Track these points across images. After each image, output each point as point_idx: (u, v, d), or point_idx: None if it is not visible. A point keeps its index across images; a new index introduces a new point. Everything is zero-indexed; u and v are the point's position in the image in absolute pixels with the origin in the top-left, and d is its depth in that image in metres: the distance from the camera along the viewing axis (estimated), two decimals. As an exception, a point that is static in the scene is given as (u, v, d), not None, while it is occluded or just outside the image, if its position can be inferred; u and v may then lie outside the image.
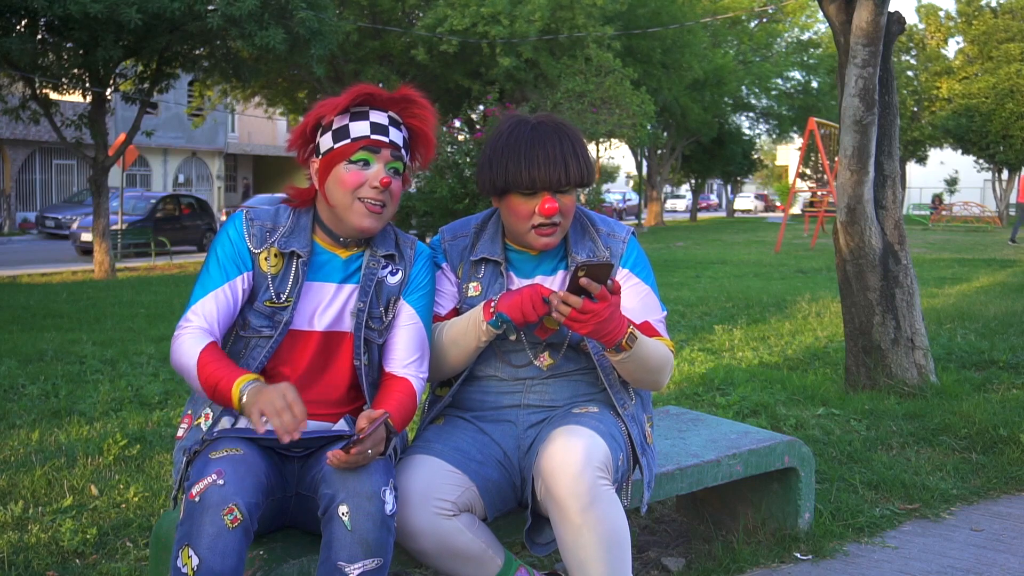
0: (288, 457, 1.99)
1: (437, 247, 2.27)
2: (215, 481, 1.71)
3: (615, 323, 1.94)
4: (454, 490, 1.97)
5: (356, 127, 1.97)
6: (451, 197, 15.31)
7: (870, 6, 4.40)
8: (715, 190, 65.04)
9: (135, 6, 10.92)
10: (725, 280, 11.91)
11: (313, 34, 12.44)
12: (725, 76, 29.55)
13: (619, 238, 2.24)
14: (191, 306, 1.97)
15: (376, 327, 2.06)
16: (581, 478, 1.88)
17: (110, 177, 14.76)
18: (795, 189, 22.04)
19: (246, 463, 1.77)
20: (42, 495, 3.20)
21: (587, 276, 1.88)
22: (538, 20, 18.33)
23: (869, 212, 4.62)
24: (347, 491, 1.76)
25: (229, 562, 1.68)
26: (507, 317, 2.00)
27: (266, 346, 1.99)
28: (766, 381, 5.02)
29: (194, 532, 1.68)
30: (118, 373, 5.52)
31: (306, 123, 2.02)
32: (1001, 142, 32.77)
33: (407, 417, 2.01)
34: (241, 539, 1.70)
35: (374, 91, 2.00)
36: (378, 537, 1.76)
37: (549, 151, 2.05)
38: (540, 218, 2.08)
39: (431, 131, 2.04)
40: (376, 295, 2.06)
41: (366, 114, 1.99)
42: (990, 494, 3.36)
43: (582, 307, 1.89)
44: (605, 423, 2.04)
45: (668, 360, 2.13)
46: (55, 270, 15.34)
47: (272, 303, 2.00)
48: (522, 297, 1.99)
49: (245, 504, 1.71)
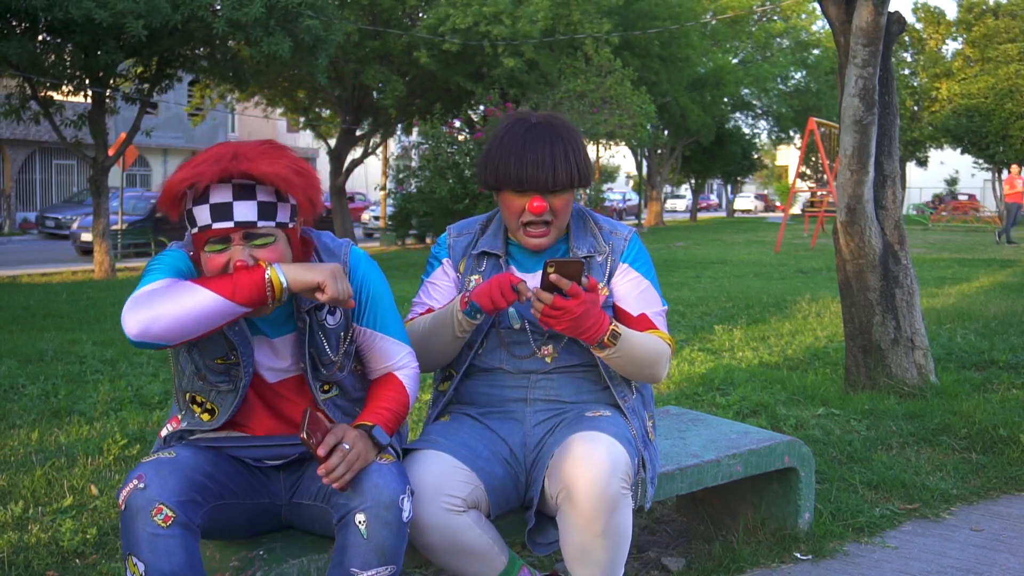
0: (269, 474, 1.96)
1: (443, 243, 2.31)
2: (136, 486, 1.70)
3: (592, 320, 1.97)
4: (464, 487, 1.97)
5: (199, 212, 1.77)
6: (451, 197, 15.33)
7: (870, 6, 4.40)
8: (715, 190, 65.02)
9: (141, 20, 10.92)
10: (725, 280, 11.91)
11: (318, 41, 12.45)
12: (725, 76, 29.54)
13: (621, 236, 2.27)
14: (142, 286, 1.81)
15: (331, 368, 1.97)
16: (608, 490, 1.89)
17: (110, 177, 14.75)
18: (795, 189, 22.03)
19: (172, 464, 1.75)
20: (42, 495, 3.20)
21: (556, 273, 1.91)
22: (541, 20, 18.33)
23: (869, 212, 4.62)
24: (365, 501, 1.75)
25: (176, 560, 1.66)
26: (477, 305, 2.02)
27: (233, 400, 1.92)
28: (766, 381, 5.02)
29: (132, 540, 1.68)
30: (118, 373, 5.52)
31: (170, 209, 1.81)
32: (1001, 142, 32.78)
33: (399, 411, 1.97)
34: (181, 535, 1.68)
35: (192, 174, 1.74)
36: (393, 545, 1.76)
37: (539, 153, 2.08)
38: (529, 215, 2.12)
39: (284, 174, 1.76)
40: (323, 339, 1.93)
41: (206, 193, 1.76)
42: (990, 494, 3.36)
43: (553, 303, 1.92)
44: (620, 427, 2.05)
45: (662, 353, 2.14)
46: (55, 270, 15.34)
47: (223, 360, 1.89)
48: (491, 284, 2.01)
49: (173, 503, 1.68)
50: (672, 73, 25.11)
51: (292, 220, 1.85)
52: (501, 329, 2.19)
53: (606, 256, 2.22)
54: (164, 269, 1.85)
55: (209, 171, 1.74)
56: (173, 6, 11.28)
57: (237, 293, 1.72)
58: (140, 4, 11.07)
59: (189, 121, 27.14)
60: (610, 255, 2.23)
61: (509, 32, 18.33)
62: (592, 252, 2.22)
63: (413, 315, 2.23)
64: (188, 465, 1.77)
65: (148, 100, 14.26)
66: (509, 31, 18.31)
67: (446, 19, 18.49)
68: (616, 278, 2.21)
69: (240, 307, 1.73)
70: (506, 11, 18.25)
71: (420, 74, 20.55)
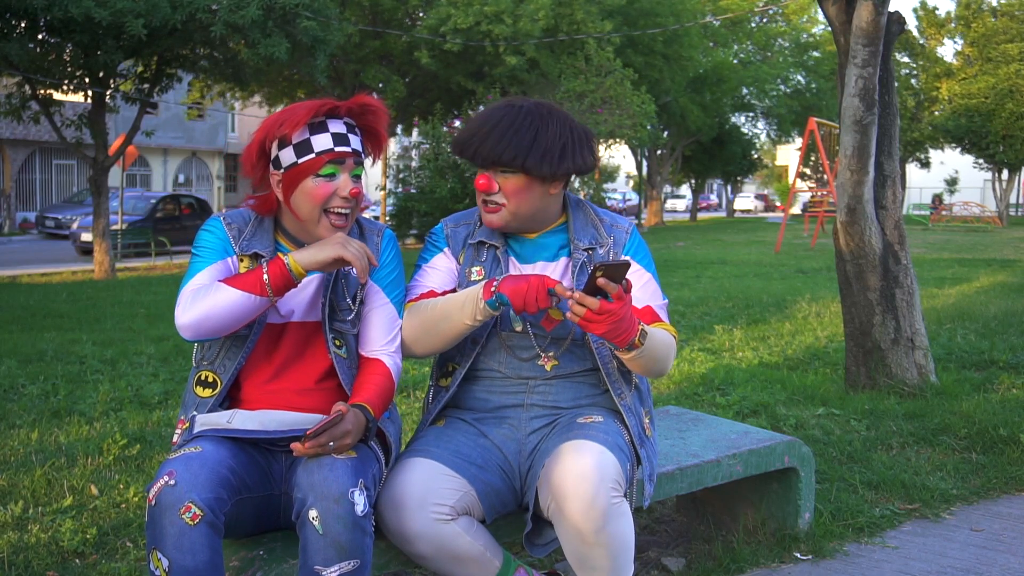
0: (275, 454, 1.99)
1: (440, 233, 2.28)
2: (167, 483, 1.73)
3: (628, 322, 1.93)
4: (452, 494, 1.96)
5: (318, 141, 1.96)
6: (451, 197, 15.32)
7: (870, 6, 4.40)
8: (715, 190, 65.03)
9: (141, 19, 10.92)
10: (725, 280, 11.91)
11: (316, 42, 12.44)
12: (725, 75, 29.54)
13: (622, 228, 2.26)
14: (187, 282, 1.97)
15: (346, 318, 2.06)
16: (596, 501, 1.87)
17: (110, 177, 14.77)
18: (795, 189, 22.03)
19: (200, 459, 1.78)
20: (42, 495, 3.20)
21: (605, 276, 1.86)
22: (542, 19, 18.32)
23: (869, 212, 4.62)
24: (315, 494, 1.77)
25: (200, 557, 1.71)
26: (507, 300, 1.96)
27: (243, 346, 2.01)
28: (766, 381, 5.02)
29: (158, 535, 1.72)
30: (118, 373, 5.52)
31: (259, 138, 2.00)
32: (1001, 142, 32.78)
33: (386, 400, 2.02)
34: (207, 534, 1.72)
35: (335, 103, 2.01)
36: (351, 539, 1.76)
37: (502, 130, 2.06)
38: (482, 193, 2.13)
39: (383, 128, 2.07)
40: (344, 287, 2.06)
41: (325, 125, 1.97)
42: (990, 494, 3.36)
43: (599, 308, 1.87)
44: (611, 434, 2.03)
45: (672, 347, 2.14)
46: (55, 270, 15.34)
47: None
48: (528, 285, 1.94)
49: (202, 500, 1.72)
50: (675, 71, 25.12)
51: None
52: (502, 331, 2.17)
53: (608, 248, 2.22)
54: (209, 255, 2.01)
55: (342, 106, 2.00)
56: (173, 6, 11.29)
57: (267, 288, 1.89)
58: (140, 3, 11.08)
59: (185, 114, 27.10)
60: (612, 247, 2.22)
61: (510, 31, 18.32)
62: (594, 244, 2.21)
63: (413, 296, 2.19)
64: (214, 459, 1.80)
65: (148, 100, 14.26)
66: (510, 30, 18.30)
67: (447, 19, 18.47)
68: None
69: (273, 297, 1.91)
70: (507, 10, 18.24)
71: (420, 74, 20.53)
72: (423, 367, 5.62)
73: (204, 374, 2.03)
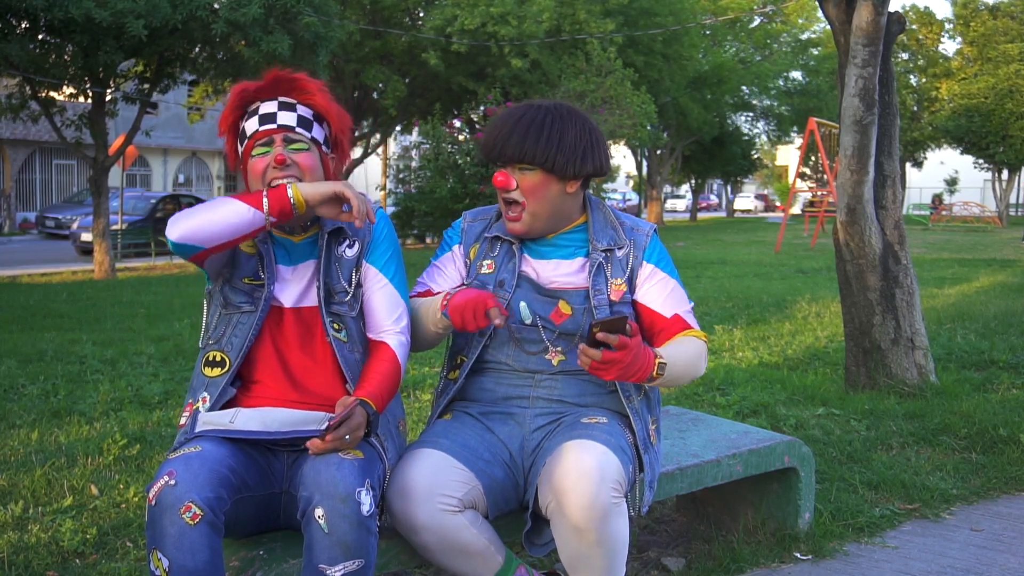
0: (276, 452, 1.99)
1: (457, 227, 2.33)
2: (167, 482, 1.74)
3: (640, 363, 1.95)
4: (460, 487, 1.97)
5: (249, 125, 2.09)
6: (451, 197, 15.31)
7: (870, 6, 4.40)
8: (715, 190, 65.02)
9: (141, 19, 10.92)
10: (725, 280, 11.91)
11: (318, 39, 12.45)
12: (725, 74, 29.54)
13: (643, 232, 2.27)
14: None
15: (343, 300, 2.09)
16: (597, 500, 1.88)
17: (110, 177, 14.76)
18: (795, 189, 22.04)
19: (200, 459, 1.79)
20: (42, 495, 3.20)
21: (603, 331, 1.88)
22: (545, 20, 18.31)
23: (869, 212, 4.62)
24: (322, 493, 1.77)
25: (200, 557, 1.71)
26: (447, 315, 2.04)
27: (249, 322, 2.03)
28: (766, 381, 5.02)
29: (158, 535, 1.72)
30: (118, 373, 5.52)
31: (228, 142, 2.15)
32: (1001, 142, 32.78)
33: (391, 389, 2.03)
34: (207, 534, 1.72)
35: (247, 85, 2.11)
36: (357, 538, 1.77)
37: (525, 127, 2.09)
38: (500, 192, 2.15)
39: (322, 100, 2.11)
40: (338, 270, 2.10)
41: (256, 109, 2.09)
42: (990, 494, 3.36)
43: (603, 358, 1.90)
44: (615, 435, 2.04)
45: (701, 353, 2.16)
46: (55, 270, 15.34)
47: (250, 280, 2.06)
48: (466, 303, 2.01)
49: (202, 499, 1.73)
50: (675, 71, 25.12)
51: (326, 146, 2.12)
52: (511, 324, 2.18)
53: (627, 251, 2.22)
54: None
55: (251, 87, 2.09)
56: (173, 6, 11.29)
57: (265, 205, 1.94)
58: (140, 4, 11.08)
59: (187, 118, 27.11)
60: (632, 250, 2.22)
61: (515, 32, 18.32)
62: (612, 245, 2.22)
63: (414, 292, 2.27)
64: (214, 458, 1.81)
65: (148, 100, 14.26)
66: (515, 31, 18.30)
67: (453, 20, 18.47)
68: (642, 279, 2.21)
69: (268, 217, 1.94)
70: (512, 11, 18.24)
71: (421, 74, 20.52)
72: (423, 367, 5.62)
73: (212, 354, 2.04)
